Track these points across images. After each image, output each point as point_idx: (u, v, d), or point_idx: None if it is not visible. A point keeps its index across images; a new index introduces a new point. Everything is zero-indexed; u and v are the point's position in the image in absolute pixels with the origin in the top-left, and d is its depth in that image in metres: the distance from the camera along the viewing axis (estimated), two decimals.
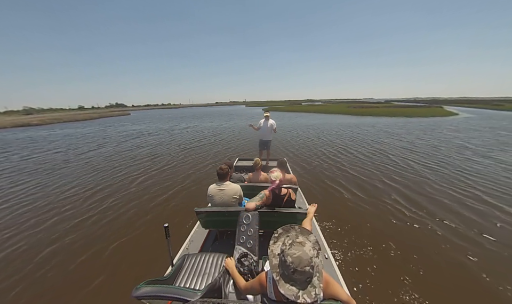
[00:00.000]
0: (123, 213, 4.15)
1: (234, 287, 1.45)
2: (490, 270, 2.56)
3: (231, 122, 22.26)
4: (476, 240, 3.10)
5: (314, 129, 15.30)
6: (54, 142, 13.53)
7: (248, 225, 1.89)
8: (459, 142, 9.66)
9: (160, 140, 12.88)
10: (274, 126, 5.32)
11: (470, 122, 17.56)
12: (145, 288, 1.16)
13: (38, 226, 3.79)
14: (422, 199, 4.36)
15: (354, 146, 9.37)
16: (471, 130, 13.10)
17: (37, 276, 2.69)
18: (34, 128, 25.64)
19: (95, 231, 3.59)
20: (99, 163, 8.01)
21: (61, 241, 3.36)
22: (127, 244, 3.25)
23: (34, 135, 18.22)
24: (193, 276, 1.68)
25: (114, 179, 6.15)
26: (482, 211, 3.84)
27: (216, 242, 2.49)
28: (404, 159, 7.19)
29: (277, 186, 2.12)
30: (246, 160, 5.09)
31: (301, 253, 0.93)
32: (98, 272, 2.71)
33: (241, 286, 1.29)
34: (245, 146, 10.22)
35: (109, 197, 4.91)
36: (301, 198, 3.46)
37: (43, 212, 4.33)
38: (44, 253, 3.09)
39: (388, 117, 24.25)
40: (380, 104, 46.81)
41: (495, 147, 8.58)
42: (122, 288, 2.43)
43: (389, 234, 3.26)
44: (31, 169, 7.46)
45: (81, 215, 4.12)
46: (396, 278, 2.49)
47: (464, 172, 5.81)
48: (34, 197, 5.06)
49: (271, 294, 1.07)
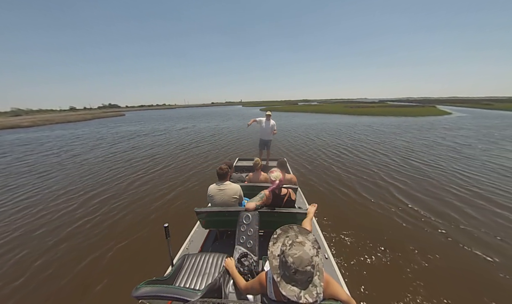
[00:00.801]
0: (123, 214, 4.14)
1: (234, 287, 1.45)
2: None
3: (229, 123, 22.23)
4: (485, 243, 3.09)
5: (313, 129, 15.33)
6: (53, 143, 13.49)
7: (248, 225, 1.88)
8: (464, 142, 9.71)
9: (159, 141, 12.88)
10: (274, 127, 5.31)
11: (467, 121, 17.75)
12: (145, 288, 1.15)
13: (39, 229, 3.79)
14: (423, 199, 4.37)
15: (354, 146, 9.40)
16: (466, 130, 13.25)
17: (37, 277, 2.68)
18: (24, 130, 24.03)
19: (95, 232, 3.57)
20: (97, 164, 8.01)
21: (60, 243, 3.35)
22: (127, 244, 3.25)
23: (32, 136, 18.01)
24: (193, 276, 1.67)
25: (114, 179, 6.14)
26: (484, 210, 3.85)
27: (216, 242, 2.49)
28: (404, 159, 7.21)
29: (277, 187, 2.12)
30: (246, 160, 5.09)
31: (301, 252, 0.93)
32: (98, 272, 2.71)
33: (241, 286, 1.29)
34: (245, 146, 10.22)
35: (109, 198, 4.91)
36: (301, 198, 3.46)
37: (44, 213, 4.33)
38: (45, 254, 3.08)
39: (385, 116, 24.69)
40: (375, 104, 47.79)
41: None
42: (122, 288, 2.42)
43: (389, 234, 3.27)
44: (25, 172, 7.43)
45: (82, 216, 4.11)
46: (396, 278, 2.49)
47: (467, 171, 5.85)
48: (33, 200, 5.05)
49: (271, 294, 1.07)
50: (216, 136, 13.49)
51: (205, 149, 9.82)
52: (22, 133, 20.53)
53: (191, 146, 10.69)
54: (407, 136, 11.37)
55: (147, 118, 37.88)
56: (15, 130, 23.96)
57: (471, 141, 9.98)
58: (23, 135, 18.63)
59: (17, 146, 12.68)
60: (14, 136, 18.59)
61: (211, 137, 13.38)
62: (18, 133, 21.23)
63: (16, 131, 23.22)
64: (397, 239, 3.17)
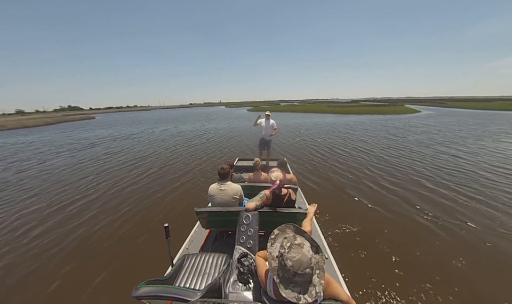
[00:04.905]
0: (123, 214, 4.14)
1: (234, 287, 1.45)
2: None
3: (225, 124, 22.11)
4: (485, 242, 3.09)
5: (316, 128, 15.32)
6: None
7: (248, 225, 1.89)
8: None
9: (157, 140, 12.90)
10: (274, 126, 5.32)
11: (445, 119, 18.83)
12: (145, 288, 1.16)
13: (41, 226, 3.80)
14: (425, 199, 4.35)
15: (350, 145, 9.38)
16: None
17: (39, 279, 2.68)
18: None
19: (96, 233, 3.58)
20: (97, 164, 8.04)
21: (62, 242, 3.36)
22: (127, 244, 3.25)
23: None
24: (193, 276, 1.68)
25: (114, 179, 6.16)
26: (451, 201, 3.85)
27: (216, 242, 2.49)
28: (404, 158, 7.18)
29: (278, 187, 2.12)
30: (246, 160, 5.09)
31: (300, 255, 0.93)
32: (98, 272, 2.71)
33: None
34: (246, 146, 10.22)
35: (109, 199, 4.92)
36: (301, 198, 3.46)
37: (48, 213, 4.34)
38: (45, 256, 3.10)
39: (370, 114, 26.62)
40: (352, 104, 52.79)
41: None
42: (122, 288, 2.42)
43: (390, 234, 3.26)
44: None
45: (82, 217, 4.12)
46: (396, 278, 2.48)
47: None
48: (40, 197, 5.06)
49: (270, 292, 1.07)
50: (217, 136, 13.50)
51: (205, 148, 9.82)
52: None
53: (191, 146, 10.69)
54: (405, 132, 11.36)
55: (123, 120, 33.01)
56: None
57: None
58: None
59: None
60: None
61: (211, 137, 13.39)
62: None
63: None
64: (398, 239, 3.15)
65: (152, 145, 11.38)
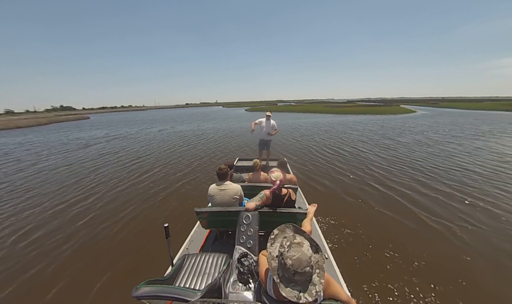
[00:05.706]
0: (123, 214, 4.14)
1: (234, 287, 1.45)
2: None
3: (223, 124, 22.14)
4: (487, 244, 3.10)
5: (306, 128, 15.37)
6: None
7: (248, 225, 1.88)
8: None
9: (156, 140, 12.88)
10: (275, 127, 5.29)
11: (443, 119, 19.38)
12: (145, 288, 1.15)
13: (43, 225, 3.79)
14: (425, 199, 4.35)
15: (350, 144, 9.41)
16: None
17: (38, 280, 2.68)
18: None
19: (96, 233, 3.57)
20: (98, 164, 8.02)
21: (60, 244, 3.35)
22: (127, 245, 3.25)
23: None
24: (193, 276, 1.67)
25: (113, 181, 6.15)
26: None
27: (216, 242, 2.49)
28: (404, 158, 7.20)
29: (278, 187, 2.12)
30: (246, 160, 5.09)
31: (300, 254, 0.93)
32: (98, 272, 2.70)
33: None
34: (247, 147, 10.22)
35: (109, 200, 4.91)
36: (301, 198, 3.46)
37: (49, 208, 4.33)
38: (44, 256, 3.09)
39: (366, 114, 26.74)
40: (349, 104, 53.68)
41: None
42: (122, 288, 2.42)
43: (390, 234, 3.27)
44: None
45: (82, 217, 4.11)
46: (396, 278, 2.49)
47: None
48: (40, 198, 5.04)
49: (270, 291, 1.08)
50: (217, 137, 13.50)
51: (206, 148, 9.82)
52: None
53: (190, 146, 10.68)
54: (406, 133, 11.38)
55: (120, 121, 31.91)
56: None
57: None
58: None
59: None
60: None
61: (213, 136, 13.40)
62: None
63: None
64: (398, 239, 3.16)
65: (151, 145, 11.36)
